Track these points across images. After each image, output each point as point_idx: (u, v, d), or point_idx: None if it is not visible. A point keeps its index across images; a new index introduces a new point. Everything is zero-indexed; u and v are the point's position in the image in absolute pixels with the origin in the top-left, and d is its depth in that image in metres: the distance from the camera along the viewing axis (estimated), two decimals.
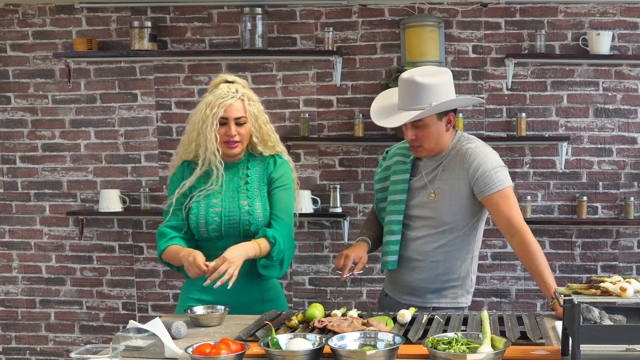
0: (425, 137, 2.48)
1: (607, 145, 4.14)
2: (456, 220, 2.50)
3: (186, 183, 2.55)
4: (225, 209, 2.51)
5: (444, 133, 2.50)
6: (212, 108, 2.47)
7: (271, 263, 2.48)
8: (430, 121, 2.46)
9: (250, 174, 2.57)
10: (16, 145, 4.42)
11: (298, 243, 4.30)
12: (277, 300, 2.62)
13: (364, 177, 4.25)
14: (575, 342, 1.65)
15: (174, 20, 4.28)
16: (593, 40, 3.96)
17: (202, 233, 2.52)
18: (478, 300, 4.18)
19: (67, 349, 4.43)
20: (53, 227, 4.42)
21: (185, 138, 2.59)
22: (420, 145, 2.51)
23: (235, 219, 2.50)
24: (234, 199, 2.52)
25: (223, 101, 2.48)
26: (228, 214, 2.50)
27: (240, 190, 2.54)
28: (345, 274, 2.51)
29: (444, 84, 2.45)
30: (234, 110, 2.49)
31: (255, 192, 2.54)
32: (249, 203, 2.51)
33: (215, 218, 2.49)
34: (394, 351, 1.77)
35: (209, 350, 1.80)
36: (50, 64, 4.36)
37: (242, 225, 2.50)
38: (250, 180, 2.56)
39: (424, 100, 2.42)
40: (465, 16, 4.15)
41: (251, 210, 2.50)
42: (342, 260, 2.53)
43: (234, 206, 2.51)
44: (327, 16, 4.22)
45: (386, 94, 2.62)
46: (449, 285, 2.56)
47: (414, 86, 2.43)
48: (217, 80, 2.59)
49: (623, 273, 4.13)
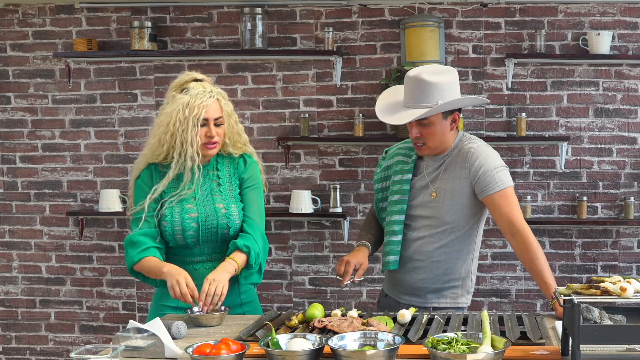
0: (430, 135, 2.48)
1: (607, 145, 4.14)
2: (457, 220, 2.50)
3: (158, 187, 2.41)
4: (202, 213, 2.42)
5: (448, 132, 2.51)
6: (192, 109, 2.34)
7: (251, 271, 2.43)
8: (435, 120, 2.46)
9: (221, 175, 2.50)
10: (16, 145, 4.42)
11: (298, 243, 4.30)
12: (254, 302, 2.59)
13: (364, 177, 4.25)
14: (575, 342, 1.65)
15: (174, 20, 4.28)
16: (593, 40, 3.96)
17: (178, 240, 2.42)
18: (478, 300, 4.18)
19: (67, 349, 4.43)
20: (53, 227, 4.42)
21: (153, 140, 2.44)
22: (424, 144, 2.51)
23: (212, 224, 2.42)
24: (209, 203, 2.44)
25: (202, 102, 2.36)
26: (205, 218, 2.42)
27: (214, 193, 2.46)
28: (345, 280, 2.49)
29: (450, 82, 2.45)
30: (212, 111, 2.40)
31: (229, 194, 2.48)
32: (225, 206, 2.45)
33: (192, 224, 2.41)
34: (394, 351, 1.77)
35: (209, 350, 1.80)
36: (50, 64, 4.36)
37: (220, 229, 2.43)
38: (222, 182, 2.49)
39: (430, 99, 2.42)
40: (465, 16, 4.15)
41: (228, 213, 2.44)
42: (342, 267, 2.51)
43: (210, 210, 2.43)
44: (327, 16, 4.22)
45: (391, 91, 2.62)
46: (450, 286, 2.56)
47: (420, 84, 2.43)
48: (185, 79, 2.45)
49: (623, 273, 4.13)
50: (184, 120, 2.35)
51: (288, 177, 4.29)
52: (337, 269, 2.53)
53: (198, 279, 2.36)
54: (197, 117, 2.35)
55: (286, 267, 4.33)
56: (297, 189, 4.19)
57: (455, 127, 2.53)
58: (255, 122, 4.28)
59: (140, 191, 2.47)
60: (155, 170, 2.47)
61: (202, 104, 2.36)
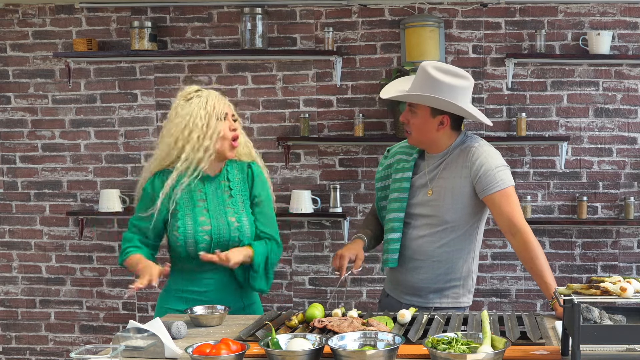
0: (414, 125, 2.51)
1: (607, 145, 4.14)
2: (457, 218, 2.50)
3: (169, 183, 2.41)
4: (215, 227, 2.45)
5: (433, 131, 2.50)
6: (213, 106, 2.40)
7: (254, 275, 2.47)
8: (421, 112, 2.48)
9: (232, 186, 2.52)
10: (16, 145, 4.42)
11: (298, 243, 4.30)
12: (256, 304, 2.63)
13: (364, 177, 4.25)
14: (575, 342, 1.65)
15: (174, 20, 4.28)
16: (593, 40, 3.96)
17: (189, 252, 2.44)
18: (478, 300, 4.18)
19: (67, 349, 4.43)
20: (53, 227, 4.42)
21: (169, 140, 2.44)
22: (408, 131, 2.55)
23: (225, 237, 2.45)
24: (222, 216, 2.47)
25: (219, 99, 2.44)
26: (217, 232, 2.45)
27: (226, 205, 2.49)
28: (342, 274, 2.50)
29: (456, 86, 2.44)
30: (229, 108, 2.49)
31: (240, 207, 2.50)
32: (237, 219, 2.48)
33: (205, 237, 2.43)
34: (394, 351, 1.77)
35: (209, 350, 1.80)
36: (50, 64, 4.36)
37: (232, 242, 2.46)
38: (234, 193, 2.51)
39: (429, 91, 2.42)
40: (465, 16, 4.15)
41: (240, 227, 2.47)
42: (337, 261, 2.52)
43: (223, 223, 2.46)
44: (327, 16, 4.22)
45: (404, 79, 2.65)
46: (451, 285, 2.56)
47: (425, 75, 2.45)
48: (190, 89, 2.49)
49: (623, 273, 4.13)
50: (205, 116, 2.40)
51: (288, 177, 4.29)
52: (333, 263, 2.55)
53: (207, 286, 2.46)
54: (219, 112, 2.41)
55: (286, 267, 4.33)
56: (297, 189, 4.19)
57: (443, 129, 2.51)
58: (255, 122, 4.28)
59: (144, 198, 2.50)
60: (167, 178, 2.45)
61: (220, 100, 2.45)
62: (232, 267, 2.39)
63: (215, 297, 2.47)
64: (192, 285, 2.50)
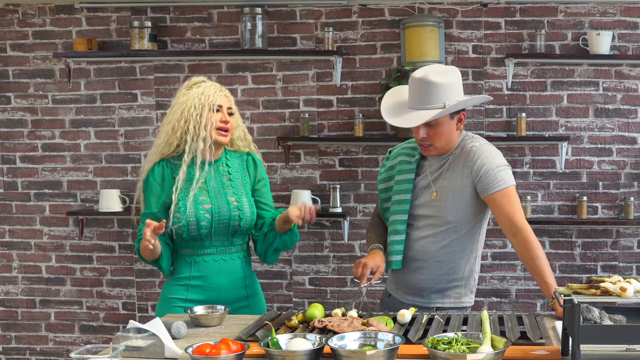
0: (437, 136, 2.48)
1: (607, 145, 4.14)
2: (459, 219, 2.50)
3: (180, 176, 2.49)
4: (215, 205, 2.51)
5: (454, 132, 2.51)
6: (207, 97, 2.51)
7: (286, 238, 2.58)
8: (443, 120, 2.46)
9: (231, 171, 2.60)
10: (16, 145, 4.42)
11: (298, 243, 4.30)
12: (258, 294, 2.68)
13: (364, 177, 4.25)
14: (575, 342, 1.65)
15: (174, 20, 4.28)
16: (593, 40, 3.96)
17: (191, 231, 2.49)
18: (478, 300, 4.18)
19: (67, 349, 4.43)
20: (53, 227, 4.42)
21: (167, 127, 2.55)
22: (431, 144, 2.50)
23: (225, 215, 2.51)
24: (222, 195, 2.54)
25: (216, 91, 2.54)
26: (218, 210, 2.50)
27: (226, 187, 2.56)
28: (363, 282, 2.48)
29: (455, 83, 2.46)
30: (225, 101, 2.56)
31: (240, 189, 2.59)
32: (237, 199, 2.55)
33: (206, 215, 2.49)
34: (394, 351, 1.77)
35: (209, 350, 1.80)
36: (50, 64, 4.36)
37: (232, 221, 2.52)
38: (232, 177, 2.59)
39: (437, 100, 2.41)
40: (465, 16, 4.15)
41: (240, 205, 2.54)
42: (359, 269, 2.50)
43: (223, 202, 2.52)
44: (327, 16, 4.22)
45: (395, 92, 2.62)
46: (453, 285, 2.56)
47: (427, 85, 2.42)
48: (195, 80, 2.61)
49: (623, 273, 4.13)
50: (198, 106, 2.50)
51: (288, 177, 4.29)
52: (354, 272, 2.52)
53: (209, 270, 2.52)
54: (212, 103, 2.51)
55: (286, 267, 4.33)
56: (297, 189, 4.18)
57: (461, 126, 2.54)
58: (255, 122, 4.28)
59: (152, 188, 2.54)
60: (167, 166, 2.55)
61: (216, 92, 2.54)
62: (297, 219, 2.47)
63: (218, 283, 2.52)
64: (196, 271, 2.52)
